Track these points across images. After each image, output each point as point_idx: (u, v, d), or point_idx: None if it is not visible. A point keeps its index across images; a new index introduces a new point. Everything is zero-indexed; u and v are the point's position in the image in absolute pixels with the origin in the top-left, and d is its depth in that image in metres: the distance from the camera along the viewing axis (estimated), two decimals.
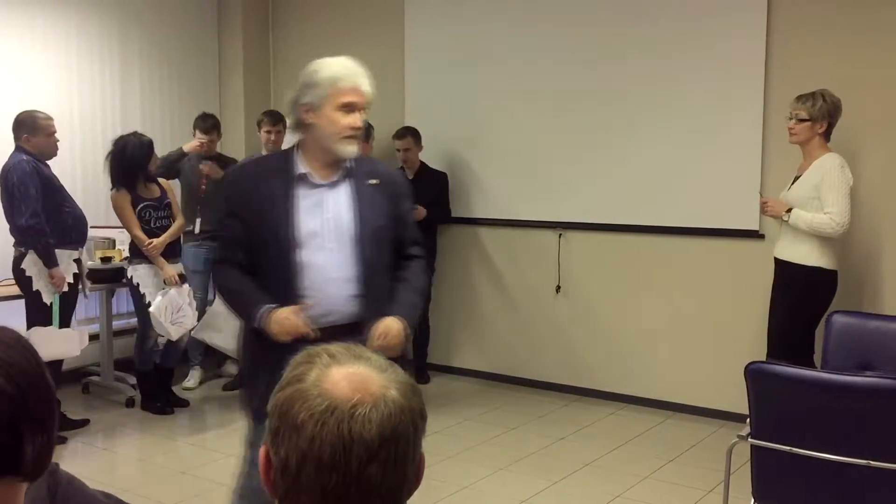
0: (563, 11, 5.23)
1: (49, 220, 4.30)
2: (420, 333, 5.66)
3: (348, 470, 0.92)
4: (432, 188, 5.51)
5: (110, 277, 5.10)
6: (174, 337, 4.82)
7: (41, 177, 4.27)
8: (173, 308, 4.73)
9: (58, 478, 1.20)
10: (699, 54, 4.79)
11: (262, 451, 0.99)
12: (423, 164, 5.54)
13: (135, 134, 4.80)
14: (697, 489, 3.84)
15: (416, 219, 5.43)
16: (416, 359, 5.68)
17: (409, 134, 5.47)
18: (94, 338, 5.48)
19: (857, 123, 4.27)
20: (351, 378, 0.96)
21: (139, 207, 4.73)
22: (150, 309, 4.68)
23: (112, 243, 5.25)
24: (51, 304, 4.36)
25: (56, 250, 4.34)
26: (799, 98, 3.98)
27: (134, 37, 5.89)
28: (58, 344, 4.27)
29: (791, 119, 4.00)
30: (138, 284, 4.77)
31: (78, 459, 4.23)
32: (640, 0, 4.96)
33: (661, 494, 3.83)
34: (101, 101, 5.71)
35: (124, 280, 5.01)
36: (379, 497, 0.94)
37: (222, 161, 5.61)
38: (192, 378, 5.53)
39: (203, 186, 5.35)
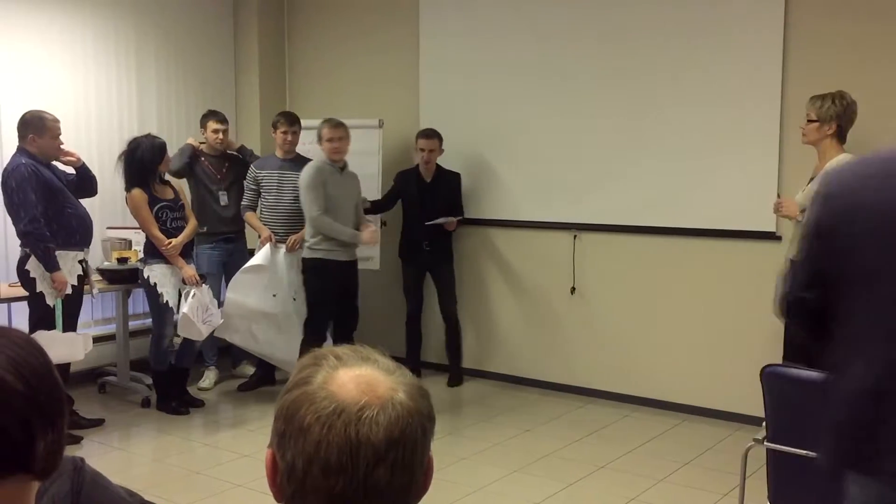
0: (578, 15, 5.21)
1: (52, 222, 4.29)
2: (454, 335, 5.64)
3: (355, 473, 0.91)
4: (449, 190, 5.50)
5: (126, 278, 5.12)
6: (204, 336, 4.86)
7: (40, 180, 4.24)
8: (202, 308, 4.76)
9: (83, 474, 1.21)
10: (716, 56, 4.76)
11: (267, 454, 0.98)
12: (438, 165, 5.54)
13: (148, 136, 4.81)
14: (713, 493, 3.81)
15: (450, 228, 5.46)
16: (450, 361, 5.67)
17: (437, 136, 5.45)
18: (110, 338, 5.53)
19: (874, 124, 4.22)
20: (358, 380, 0.95)
21: (156, 208, 4.75)
22: (184, 310, 4.68)
23: (128, 244, 5.27)
24: (54, 306, 4.36)
25: (61, 252, 4.34)
26: (812, 99, 3.96)
27: (150, 38, 5.92)
28: (61, 348, 4.19)
29: (805, 118, 3.99)
30: (156, 284, 4.79)
31: (93, 459, 4.20)
32: (658, 7, 4.94)
33: (676, 498, 3.80)
34: (117, 102, 5.75)
35: (140, 280, 5.04)
36: (387, 501, 0.93)
37: (243, 153, 5.64)
38: (208, 378, 5.55)
39: (221, 175, 5.41)
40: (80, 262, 4.48)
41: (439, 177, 5.52)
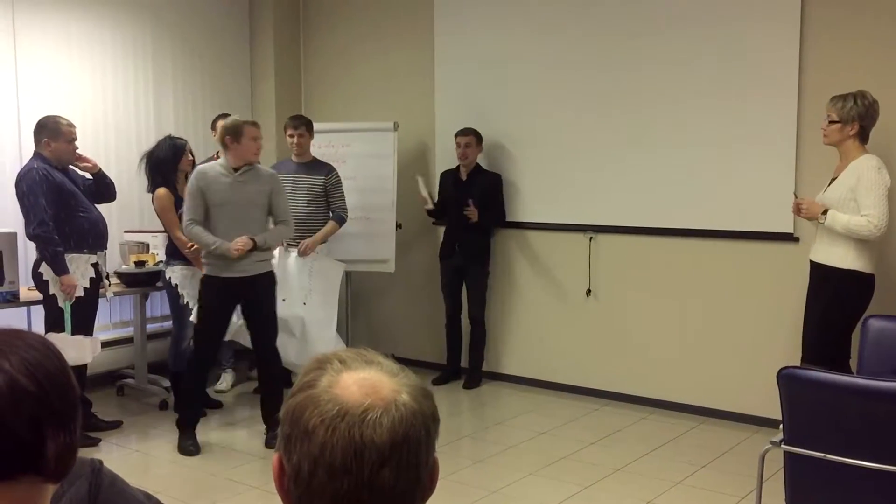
0: (594, 15, 5.20)
1: (63, 225, 4.32)
2: (476, 338, 5.64)
3: (360, 474, 0.91)
4: (484, 189, 5.49)
5: (144, 281, 5.16)
6: (226, 338, 4.90)
7: (51, 184, 4.27)
8: None
9: (101, 477, 1.22)
10: (733, 55, 4.73)
11: (274, 458, 0.99)
12: (478, 164, 5.54)
13: (169, 137, 4.89)
14: (729, 496, 3.78)
15: (471, 219, 5.39)
16: (469, 364, 5.67)
17: (473, 132, 5.47)
18: (127, 341, 5.57)
19: (894, 125, 4.18)
20: (362, 383, 0.96)
21: (181, 211, 4.79)
22: (192, 318, 4.72)
23: (146, 247, 5.31)
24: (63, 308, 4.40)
25: (73, 255, 4.37)
26: (833, 99, 3.92)
27: (167, 44, 5.98)
28: (70, 350, 4.18)
29: (825, 119, 3.95)
30: (177, 285, 4.83)
31: (111, 461, 4.24)
32: (673, 3, 4.92)
33: (693, 501, 3.78)
34: (134, 108, 5.80)
35: (158, 283, 5.08)
36: (393, 502, 0.94)
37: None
38: (225, 381, 5.58)
39: None
40: (94, 265, 4.52)
41: (476, 175, 5.52)
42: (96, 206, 4.59)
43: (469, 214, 5.41)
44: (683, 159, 4.94)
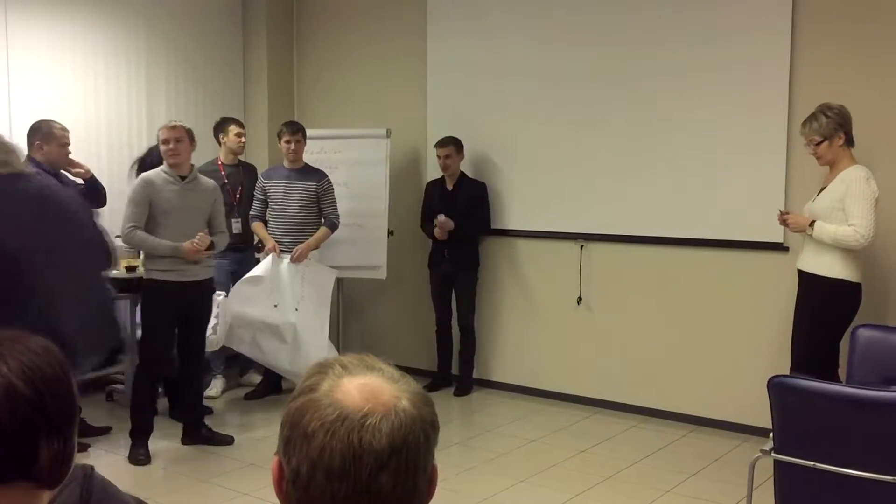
0: (586, 27, 5.23)
1: None
2: (466, 345, 5.65)
3: (358, 479, 0.92)
4: (469, 198, 5.52)
5: (135, 286, 5.13)
6: (212, 348, 4.90)
7: None
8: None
9: (92, 483, 1.21)
10: (724, 67, 4.76)
11: (274, 461, 1.00)
12: (462, 173, 5.56)
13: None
14: None
15: (447, 228, 5.42)
16: (460, 371, 5.67)
17: (453, 143, 5.49)
18: None
19: (881, 136, 4.22)
20: (362, 388, 0.96)
21: None
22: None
23: (136, 252, 5.29)
24: None
25: None
26: (804, 124, 3.95)
27: (160, 49, 5.98)
28: None
29: (807, 146, 3.97)
30: None
31: (100, 467, 4.19)
32: (665, 17, 4.95)
33: None
34: (127, 112, 5.80)
35: None
36: None
37: (246, 168, 5.65)
38: (215, 387, 5.56)
39: (238, 196, 5.41)
40: None
41: (461, 185, 5.54)
42: None
43: (437, 233, 5.46)
44: (675, 169, 4.96)
